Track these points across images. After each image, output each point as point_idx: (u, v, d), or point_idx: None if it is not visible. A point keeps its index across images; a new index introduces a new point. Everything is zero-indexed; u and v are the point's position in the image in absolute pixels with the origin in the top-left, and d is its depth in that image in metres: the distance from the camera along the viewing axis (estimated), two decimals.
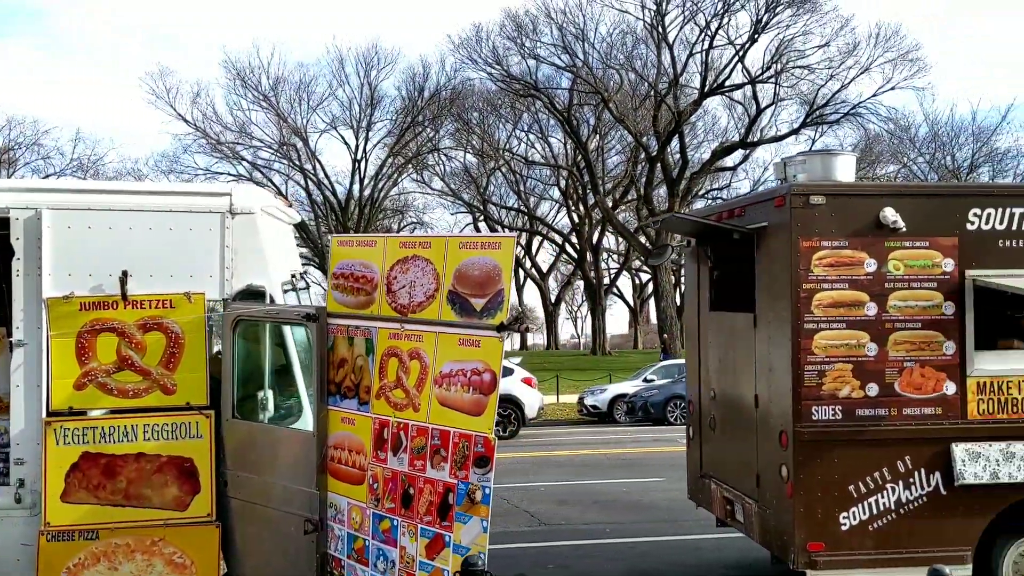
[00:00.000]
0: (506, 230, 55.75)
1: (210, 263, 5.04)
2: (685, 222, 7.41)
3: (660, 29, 35.83)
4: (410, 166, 39.34)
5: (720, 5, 34.59)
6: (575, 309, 72.40)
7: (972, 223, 5.90)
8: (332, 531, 4.48)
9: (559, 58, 37.65)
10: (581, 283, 53.73)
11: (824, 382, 5.77)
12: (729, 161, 40.47)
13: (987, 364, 5.87)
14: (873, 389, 5.79)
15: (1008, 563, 5.91)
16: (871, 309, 5.80)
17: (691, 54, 36.47)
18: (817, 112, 37.11)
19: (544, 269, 57.96)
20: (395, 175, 38.36)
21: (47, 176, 33.95)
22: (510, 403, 17.12)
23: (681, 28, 35.96)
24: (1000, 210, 5.91)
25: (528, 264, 58.66)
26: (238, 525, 4.99)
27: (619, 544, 8.15)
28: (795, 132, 37.77)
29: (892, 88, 35.90)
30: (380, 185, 37.24)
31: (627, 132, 38.15)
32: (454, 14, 71.56)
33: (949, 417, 5.82)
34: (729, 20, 35.08)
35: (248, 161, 36.11)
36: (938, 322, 5.84)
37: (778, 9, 34.26)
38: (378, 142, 37.43)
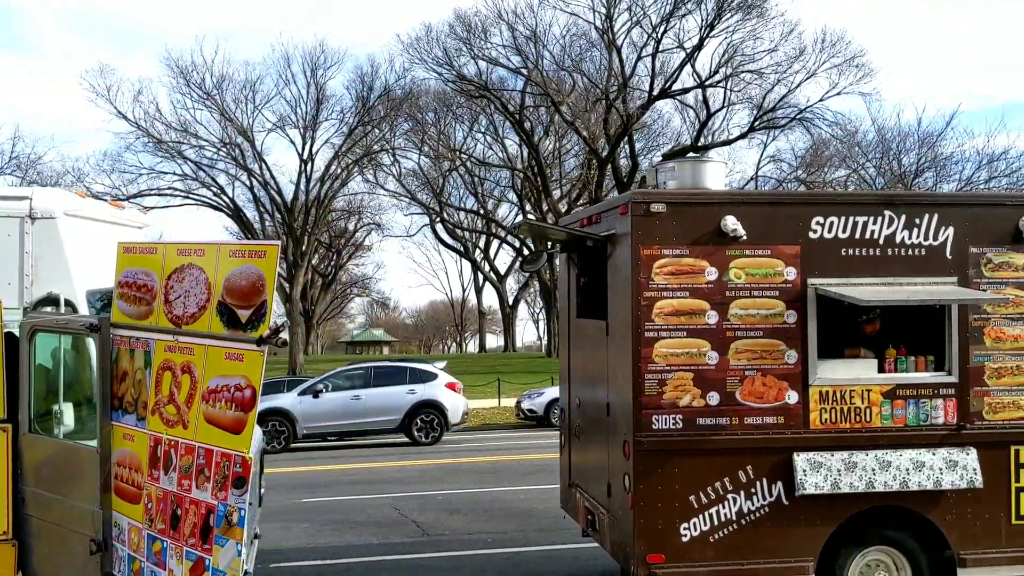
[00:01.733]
0: (465, 233, 55.67)
1: (8, 270, 4.82)
2: (538, 228, 7.33)
3: (610, 33, 35.92)
4: (360, 166, 38.94)
5: (667, 9, 34.75)
6: (536, 311, 72.52)
7: (815, 231, 5.86)
8: (116, 551, 4.31)
9: (510, 60, 37.59)
10: (538, 285, 53.72)
11: (665, 391, 5.70)
12: None
13: (830, 373, 5.84)
14: (714, 398, 5.72)
15: (853, 573, 5.88)
16: (712, 317, 5.74)
17: (639, 57, 36.61)
18: (766, 116, 37.45)
19: (502, 271, 57.87)
20: (343, 175, 37.95)
21: None
22: (433, 408, 16.96)
23: (628, 32, 36.08)
24: (843, 218, 5.89)
25: (487, 267, 58.57)
26: (35, 544, 4.78)
27: (495, 554, 8.03)
28: (743, 136, 38.11)
29: (838, 93, 36.34)
30: (327, 186, 36.81)
31: (579, 135, 38.19)
32: (403, 14, 71.50)
33: (791, 426, 5.77)
34: (676, 24, 35.27)
35: (193, 161, 35.53)
36: (780, 331, 5.80)
37: (724, 16, 34.48)
38: (326, 142, 37.05)
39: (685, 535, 5.67)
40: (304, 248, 36.48)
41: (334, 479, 12.74)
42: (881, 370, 5.93)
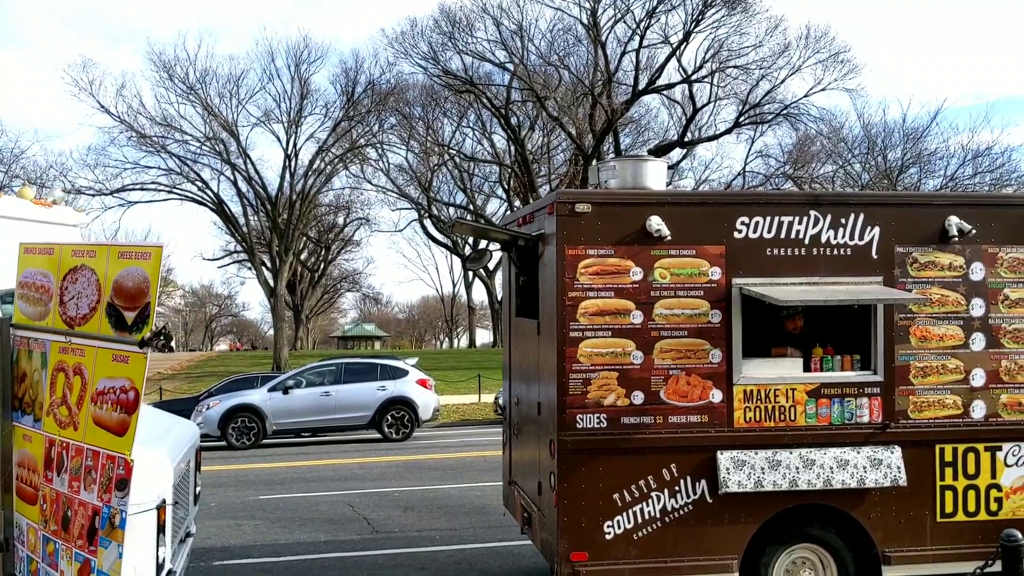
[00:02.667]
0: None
1: None
2: (473, 227, 7.34)
3: (595, 28, 35.87)
4: (344, 161, 38.86)
5: (652, 3, 34.71)
6: None
7: (740, 231, 5.88)
8: (17, 552, 4.31)
9: (495, 55, 37.52)
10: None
11: (589, 390, 5.72)
12: (674, 159, 40.60)
13: (754, 372, 5.86)
14: (638, 397, 5.75)
15: (779, 571, 5.91)
16: (637, 317, 5.76)
17: (624, 52, 36.59)
18: (752, 112, 37.45)
19: (491, 267, 57.79)
20: (327, 170, 37.88)
21: None
22: (404, 405, 16.98)
23: (613, 27, 36.06)
24: (768, 218, 5.90)
25: None
26: None
27: (439, 552, 8.05)
28: (728, 132, 38.10)
29: (823, 89, 36.37)
30: (311, 181, 36.74)
31: (565, 130, 38.16)
32: (387, 8, 71.43)
33: (715, 425, 5.80)
34: (661, 18, 35.24)
35: (177, 156, 35.41)
36: (704, 330, 5.82)
37: (709, 11, 34.46)
38: (310, 136, 36.97)
39: (609, 533, 5.70)
40: (288, 243, 36.43)
41: (296, 475, 12.75)
42: (807, 369, 5.96)
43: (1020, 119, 76.07)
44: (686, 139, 38.96)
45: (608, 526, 5.70)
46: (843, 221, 5.96)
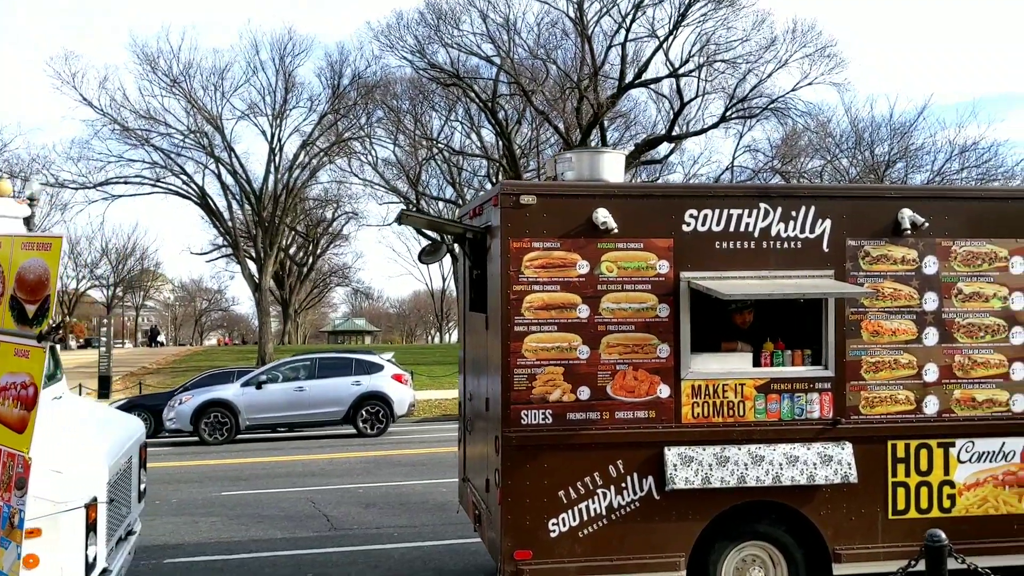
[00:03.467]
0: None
1: None
2: (418, 220, 7.23)
3: (582, 22, 35.72)
4: (331, 155, 38.64)
5: None
6: None
7: (688, 224, 5.77)
8: None
9: (481, 48, 37.33)
10: None
11: (534, 385, 5.61)
12: (662, 153, 40.55)
13: (702, 366, 5.76)
14: (585, 392, 5.64)
15: (728, 568, 5.83)
16: (583, 311, 5.65)
17: (610, 46, 36.45)
18: (740, 106, 37.37)
19: None
20: (312, 163, 37.66)
21: None
22: (378, 400, 16.86)
23: (598, 21, 35.91)
24: (717, 211, 5.80)
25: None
26: None
27: (394, 549, 7.94)
28: (715, 126, 38.00)
29: (810, 83, 36.32)
30: (296, 175, 36.52)
31: (552, 124, 38.02)
32: (374, 4, 71.15)
33: (662, 421, 5.70)
34: (646, 13, 35.12)
35: (161, 149, 35.16)
36: (652, 324, 5.71)
37: (694, 7, 34.35)
38: (295, 130, 36.75)
39: (554, 531, 5.60)
40: (273, 237, 36.23)
41: (263, 471, 12.63)
42: (757, 364, 5.86)
43: (1007, 115, 76.31)
44: (674, 133, 38.83)
45: (553, 524, 5.60)
46: (794, 214, 5.86)
